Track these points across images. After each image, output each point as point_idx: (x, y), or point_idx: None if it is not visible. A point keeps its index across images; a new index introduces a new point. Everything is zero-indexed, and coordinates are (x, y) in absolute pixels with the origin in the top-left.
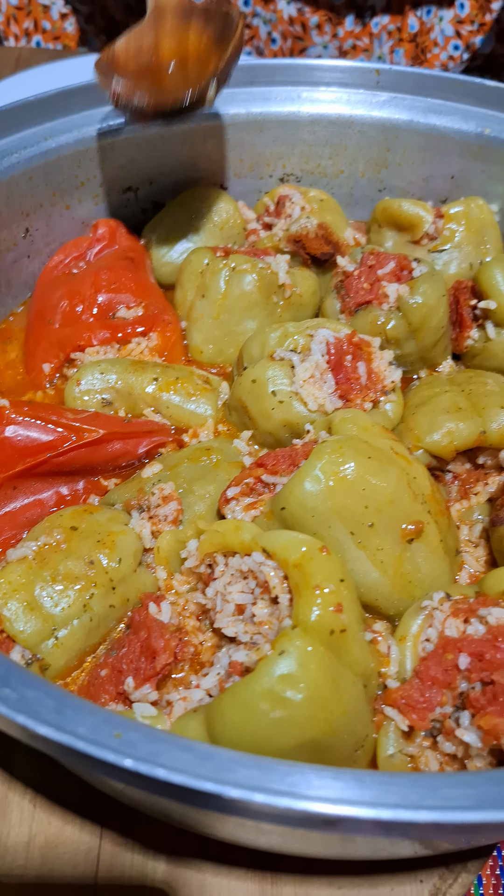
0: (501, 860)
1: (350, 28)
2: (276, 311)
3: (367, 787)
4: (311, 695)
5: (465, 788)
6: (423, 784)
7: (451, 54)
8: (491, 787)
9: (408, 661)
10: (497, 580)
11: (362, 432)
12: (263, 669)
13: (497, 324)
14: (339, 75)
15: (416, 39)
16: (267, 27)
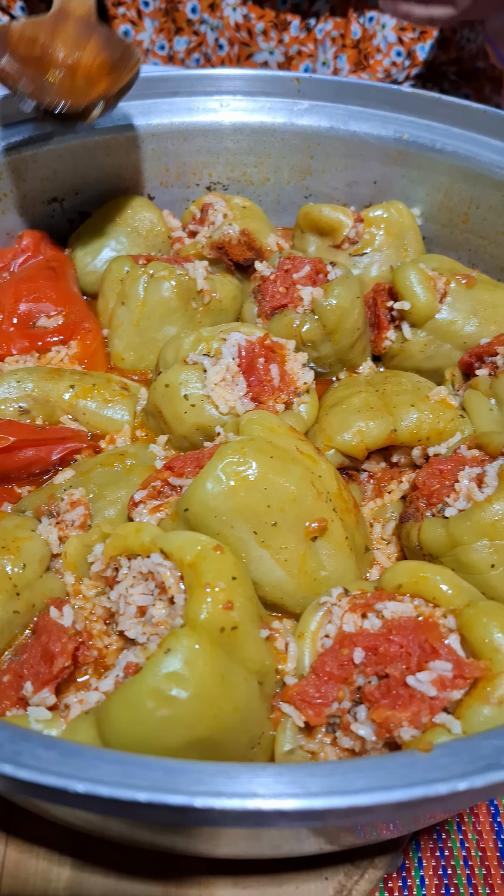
0: (441, 842)
1: (295, 34)
2: (196, 317)
3: (177, 773)
4: (198, 692)
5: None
6: (288, 776)
7: (394, 60)
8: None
9: (306, 657)
10: (393, 574)
11: (267, 432)
12: (149, 668)
13: (413, 324)
14: (260, 84)
15: (359, 46)
16: (214, 34)
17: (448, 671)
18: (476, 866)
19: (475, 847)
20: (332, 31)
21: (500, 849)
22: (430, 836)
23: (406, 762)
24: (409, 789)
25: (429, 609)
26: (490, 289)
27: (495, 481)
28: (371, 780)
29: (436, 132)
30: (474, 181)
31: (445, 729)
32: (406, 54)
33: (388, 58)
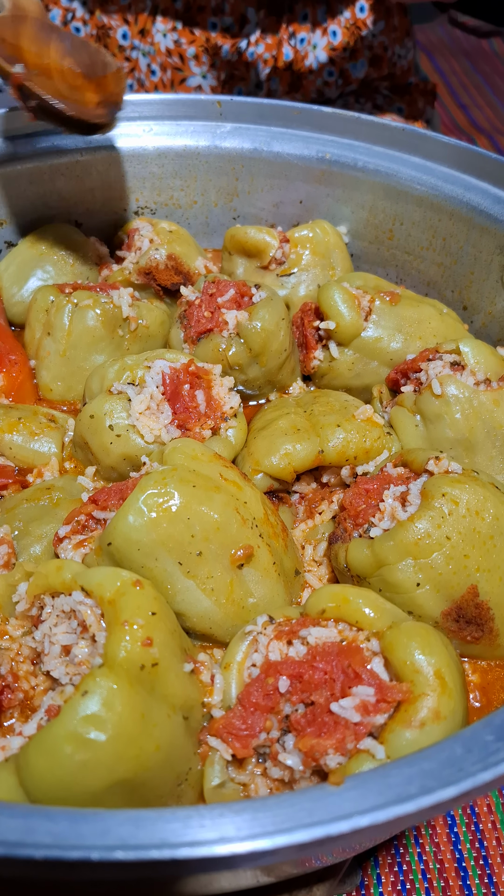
0: (399, 857)
1: (227, 57)
2: (124, 345)
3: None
4: (117, 734)
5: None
6: None
7: (326, 80)
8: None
9: (233, 688)
10: (317, 599)
11: (190, 461)
12: (66, 712)
13: (339, 343)
14: (183, 108)
15: (292, 68)
16: (146, 59)
17: (371, 696)
18: (434, 878)
19: (433, 860)
20: (264, 53)
21: (457, 859)
22: (388, 852)
23: (314, 797)
24: (309, 829)
25: (352, 633)
26: (415, 304)
27: (418, 499)
28: (275, 821)
29: (357, 151)
30: (396, 198)
31: (370, 755)
32: (338, 73)
33: (320, 77)
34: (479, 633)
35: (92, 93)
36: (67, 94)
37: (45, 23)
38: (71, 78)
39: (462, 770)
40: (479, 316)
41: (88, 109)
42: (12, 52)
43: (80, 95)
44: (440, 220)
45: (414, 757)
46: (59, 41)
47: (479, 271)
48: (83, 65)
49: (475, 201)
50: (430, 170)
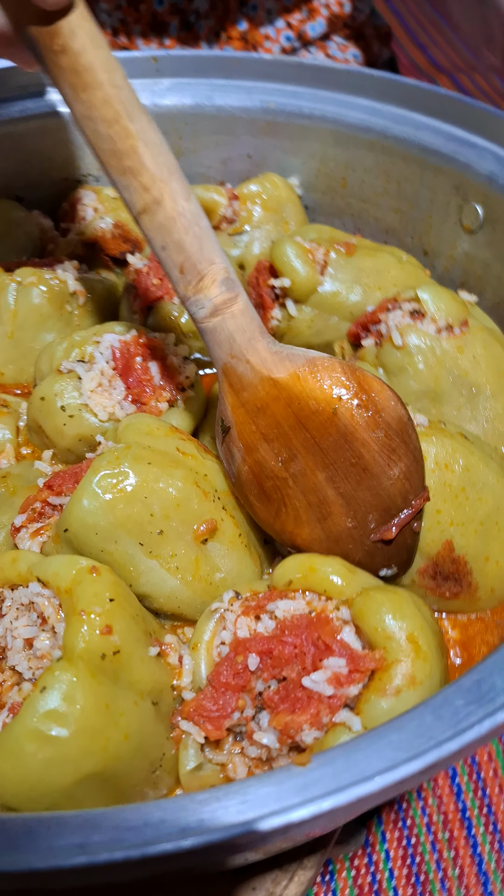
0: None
1: (175, 34)
2: (73, 320)
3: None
4: (80, 727)
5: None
6: None
7: (284, 45)
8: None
9: (202, 668)
10: (283, 571)
11: (145, 437)
12: (26, 710)
13: (297, 300)
14: None
15: (246, 37)
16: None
17: (342, 667)
18: (439, 831)
19: (436, 812)
20: (215, 26)
21: (460, 810)
22: (391, 808)
23: (277, 779)
24: (270, 819)
25: (321, 603)
26: (372, 254)
27: None
28: (236, 809)
29: (301, 97)
30: (346, 144)
31: (346, 727)
32: (297, 36)
33: (276, 44)
34: (458, 589)
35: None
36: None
37: None
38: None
39: (431, 739)
40: (440, 260)
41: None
42: None
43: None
44: (393, 163)
45: (383, 728)
46: None
47: (436, 214)
48: None
49: (427, 141)
50: (379, 111)
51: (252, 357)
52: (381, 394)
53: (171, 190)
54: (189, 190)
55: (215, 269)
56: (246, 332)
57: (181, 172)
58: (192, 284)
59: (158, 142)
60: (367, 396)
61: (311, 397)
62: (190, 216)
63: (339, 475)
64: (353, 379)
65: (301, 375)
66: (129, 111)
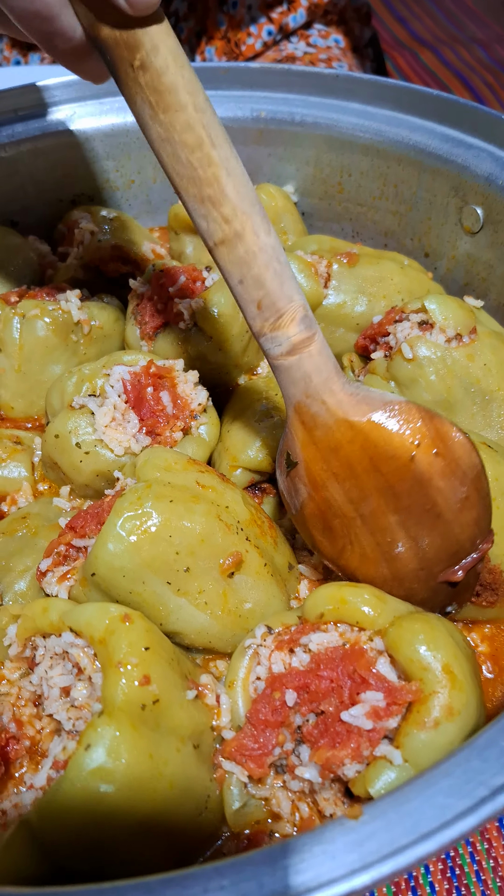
0: None
1: None
2: (80, 350)
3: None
4: (127, 782)
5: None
6: None
7: (266, 40)
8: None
9: (240, 706)
10: (314, 602)
11: (164, 472)
12: (72, 769)
13: None
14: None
15: (228, 35)
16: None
17: (380, 700)
18: (489, 880)
19: (486, 858)
20: (195, 27)
21: None
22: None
23: (330, 837)
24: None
25: (354, 634)
26: (374, 262)
27: None
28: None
29: (293, 104)
30: (340, 149)
31: (387, 760)
32: (278, 29)
33: (259, 39)
34: (495, 598)
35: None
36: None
37: None
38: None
39: (482, 784)
40: (442, 262)
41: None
42: None
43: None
44: (389, 166)
45: (431, 774)
46: None
47: (436, 216)
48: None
49: (422, 143)
50: (372, 115)
51: (328, 398)
52: (457, 442)
53: (254, 223)
54: (269, 224)
55: (294, 307)
56: (323, 373)
57: (262, 205)
58: (269, 321)
59: (241, 172)
60: (445, 445)
61: (388, 443)
62: (271, 251)
63: (411, 519)
64: (432, 426)
65: (378, 420)
66: (213, 137)
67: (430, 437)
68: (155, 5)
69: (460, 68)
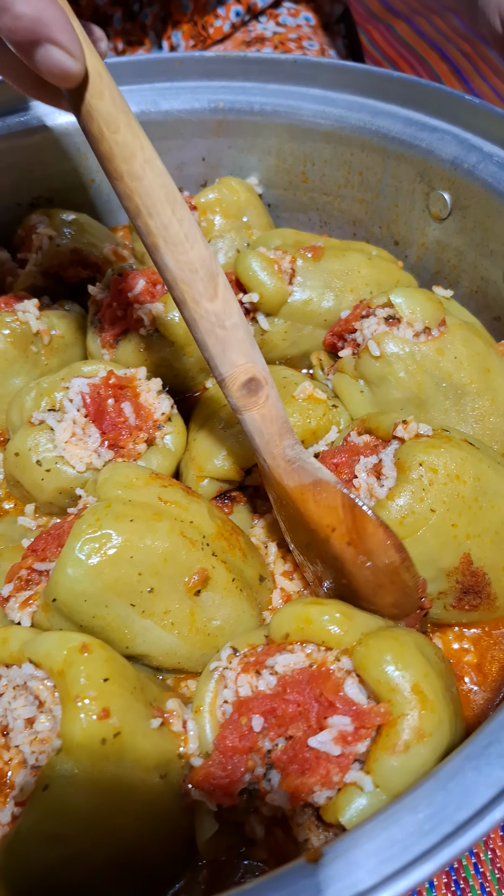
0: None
1: (119, 26)
2: (41, 361)
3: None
4: (86, 823)
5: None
6: None
7: (234, 21)
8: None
9: (208, 732)
10: (279, 622)
11: (124, 490)
12: (30, 812)
13: (267, 313)
14: None
15: (194, 18)
16: None
17: (348, 725)
18: (494, 892)
19: (483, 849)
20: (159, 12)
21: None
22: None
23: (290, 881)
24: None
25: (321, 654)
26: (340, 254)
27: (393, 471)
28: None
29: (251, 93)
30: (302, 137)
31: (358, 787)
32: (246, 10)
33: (227, 21)
34: (478, 601)
35: None
36: None
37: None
38: None
39: (445, 820)
40: (412, 250)
41: None
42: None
43: None
44: (352, 153)
45: (394, 809)
46: None
47: (403, 202)
48: None
49: (385, 127)
50: (333, 100)
51: (268, 460)
52: (374, 537)
53: (193, 291)
54: (217, 288)
55: (236, 372)
56: (264, 436)
57: (211, 266)
58: (217, 381)
59: (183, 237)
60: (359, 536)
61: (310, 516)
62: (213, 318)
63: (337, 579)
64: (350, 516)
65: (304, 493)
66: (150, 205)
67: (346, 527)
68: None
69: (436, 39)
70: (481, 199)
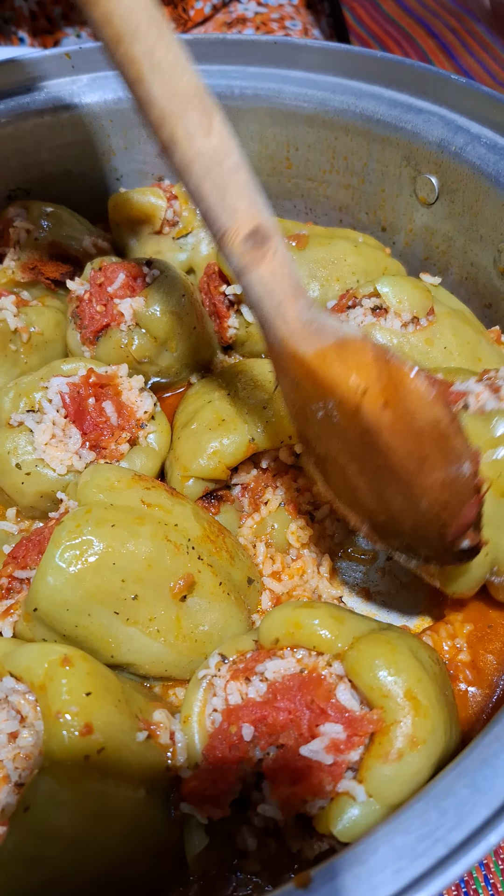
0: None
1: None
2: (21, 359)
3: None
4: (69, 843)
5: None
6: None
7: (215, 2)
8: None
9: (197, 743)
10: (268, 627)
11: (106, 493)
12: (13, 833)
13: None
14: (30, 69)
15: (174, 0)
16: (9, 26)
17: (340, 733)
18: (498, 882)
19: (493, 860)
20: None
21: None
22: None
23: None
24: None
25: (312, 660)
26: (325, 242)
27: None
28: None
29: (231, 76)
30: (284, 122)
31: (350, 797)
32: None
33: (208, 2)
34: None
35: None
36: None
37: None
38: None
39: (439, 841)
40: (400, 236)
41: None
42: None
43: None
44: (336, 137)
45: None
46: None
47: (389, 187)
48: None
49: (370, 109)
50: (315, 82)
51: (281, 326)
52: (415, 391)
53: (185, 125)
54: (213, 121)
55: (238, 222)
56: (274, 297)
57: (205, 99)
58: (217, 237)
59: (172, 62)
60: (397, 394)
61: (335, 385)
62: (209, 158)
63: (368, 471)
64: (385, 371)
65: (327, 357)
66: (133, 27)
67: (380, 385)
68: None
69: (423, 14)
70: (469, 183)
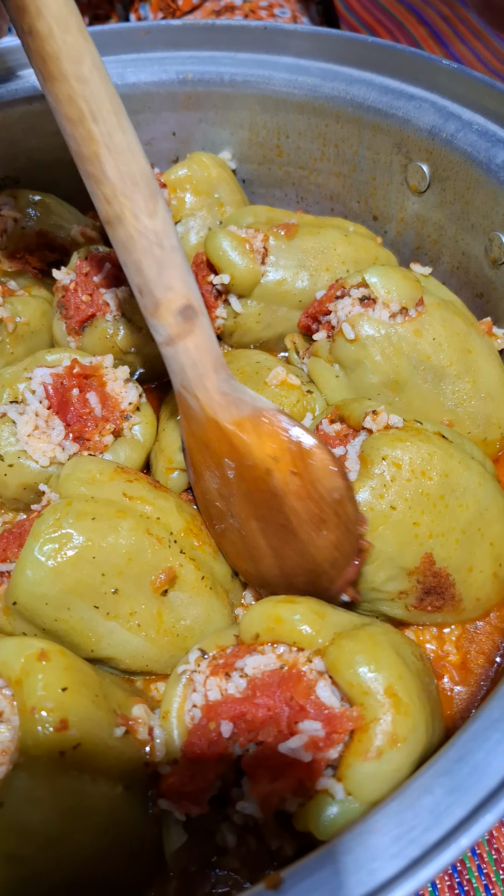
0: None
1: (85, 0)
2: (7, 349)
3: None
4: (45, 842)
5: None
6: None
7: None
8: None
9: (176, 739)
10: (249, 622)
11: (87, 486)
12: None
13: (240, 295)
14: (14, 57)
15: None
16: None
17: (319, 730)
18: (492, 873)
19: (488, 850)
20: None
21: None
22: None
23: None
24: None
25: (292, 655)
26: (315, 231)
27: (357, 465)
28: None
29: (221, 63)
30: (275, 109)
31: (329, 795)
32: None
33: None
34: (441, 602)
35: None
36: None
37: None
38: None
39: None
40: (391, 225)
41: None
42: None
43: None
44: (327, 124)
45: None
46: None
47: (380, 175)
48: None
49: (360, 96)
50: (306, 69)
51: (201, 395)
52: (320, 463)
53: (133, 206)
54: (157, 205)
55: (172, 297)
56: (198, 368)
57: (151, 182)
58: (148, 308)
59: (127, 148)
60: (304, 464)
61: (249, 452)
62: (152, 236)
63: (270, 529)
64: (294, 443)
65: (243, 427)
66: (95, 111)
67: (290, 455)
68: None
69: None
70: (461, 170)
